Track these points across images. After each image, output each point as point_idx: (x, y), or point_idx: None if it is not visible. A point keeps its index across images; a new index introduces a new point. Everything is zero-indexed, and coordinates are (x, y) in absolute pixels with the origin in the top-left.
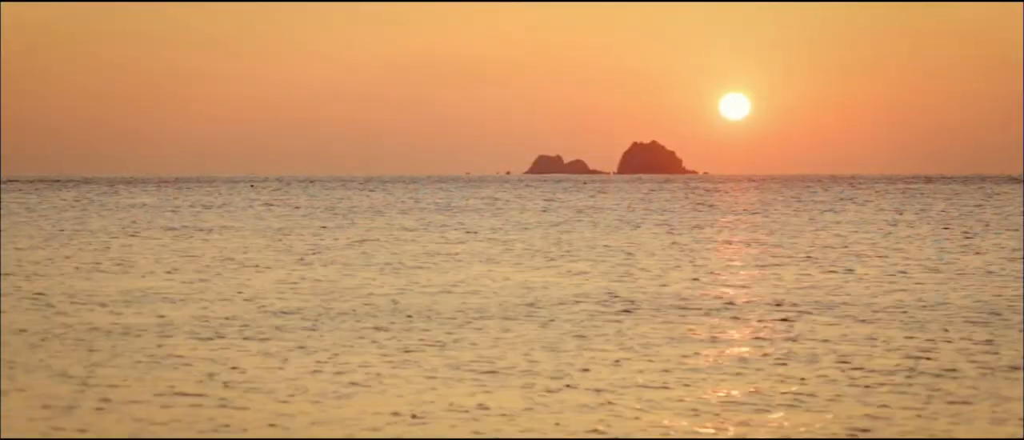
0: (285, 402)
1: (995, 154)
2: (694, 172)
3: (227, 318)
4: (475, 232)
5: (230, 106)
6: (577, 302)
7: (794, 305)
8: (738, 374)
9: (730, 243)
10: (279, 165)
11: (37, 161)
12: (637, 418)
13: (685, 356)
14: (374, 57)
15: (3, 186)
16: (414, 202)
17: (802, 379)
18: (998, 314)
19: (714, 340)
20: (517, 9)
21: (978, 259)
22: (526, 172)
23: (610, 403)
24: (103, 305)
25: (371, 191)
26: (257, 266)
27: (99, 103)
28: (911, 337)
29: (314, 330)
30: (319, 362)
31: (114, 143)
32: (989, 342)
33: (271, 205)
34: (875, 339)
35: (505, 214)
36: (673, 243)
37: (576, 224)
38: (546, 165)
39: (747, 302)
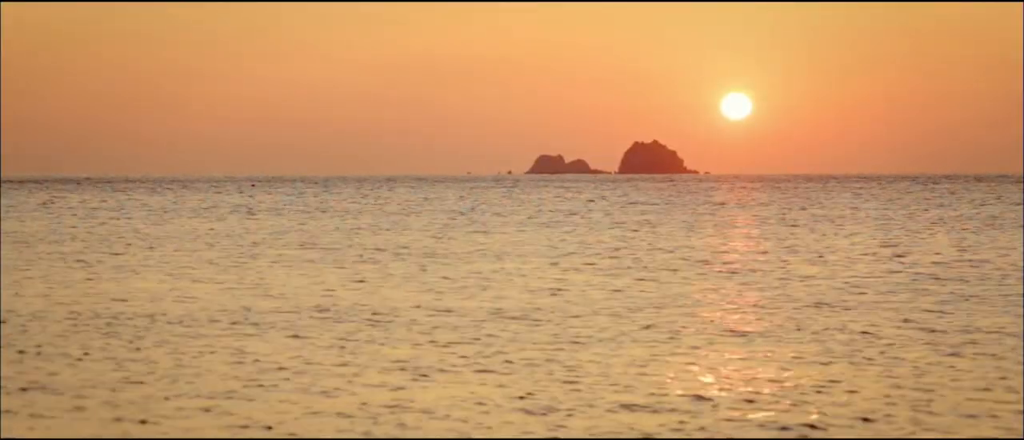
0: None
1: (995, 154)
2: (695, 172)
3: (224, 313)
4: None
5: (230, 106)
6: (604, 305)
7: (800, 303)
8: (737, 373)
9: (742, 241)
10: (279, 165)
11: (37, 161)
12: (645, 417)
13: (687, 355)
14: (374, 57)
15: (3, 186)
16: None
17: (796, 377)
18: (993, 311)
19: (717, 341)
20: (517, 9)
21: (983, 258)
22: (527, 172)
23: (626, 402)
24: (107, 304)
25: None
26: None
27: (99, 103)
28: (904, 333)
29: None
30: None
31: (114, 143)
32: (989, 341)
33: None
34: (874, 336)
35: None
36: (688, 243)
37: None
38: (547, 165)
39: (756, 300)
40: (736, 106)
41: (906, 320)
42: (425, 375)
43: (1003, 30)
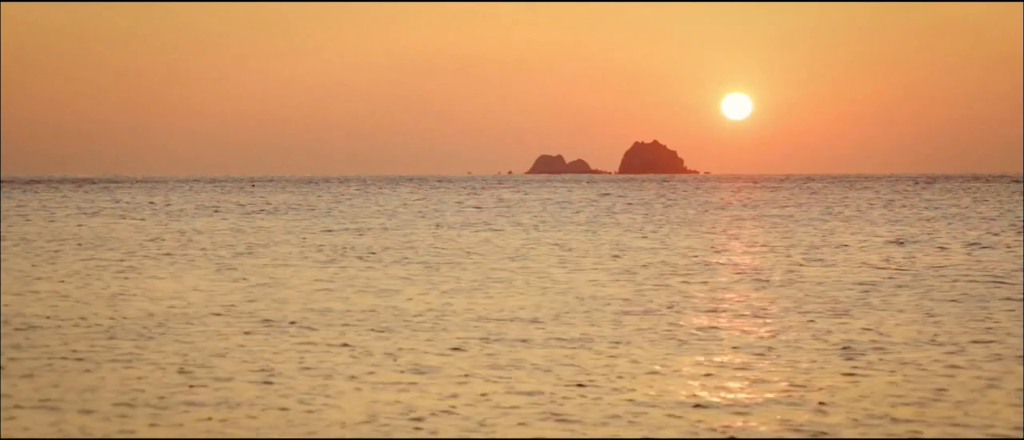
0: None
1: (995, 154)
2: (696, 172)
3: (218, 315)
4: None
5: (230, 106)
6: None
7: (789, 299)
8: (735, 370)
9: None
10: (279, 165)
11: (37, 161)
12: (655, 418)
13: (681, 354)
14: (374, 57)
15: (3, 186)
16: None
17: (802, 376)
18: (996, 311)
19: (715, 339)
20: (517, 9)
21: (986, 258)
22: (527, 172)
23: (629, 403)
24: (114, 304)
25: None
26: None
27: (99, 103)
28: (909, 333)
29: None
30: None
31: (114, 143)
32: (987, 340)
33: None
34: (880, 336)
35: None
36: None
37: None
38: (547, 165)
39: (755, 297)
40: (736, 106)
41: (912, 320)
42: (435, 375)
43: (1003, 30)
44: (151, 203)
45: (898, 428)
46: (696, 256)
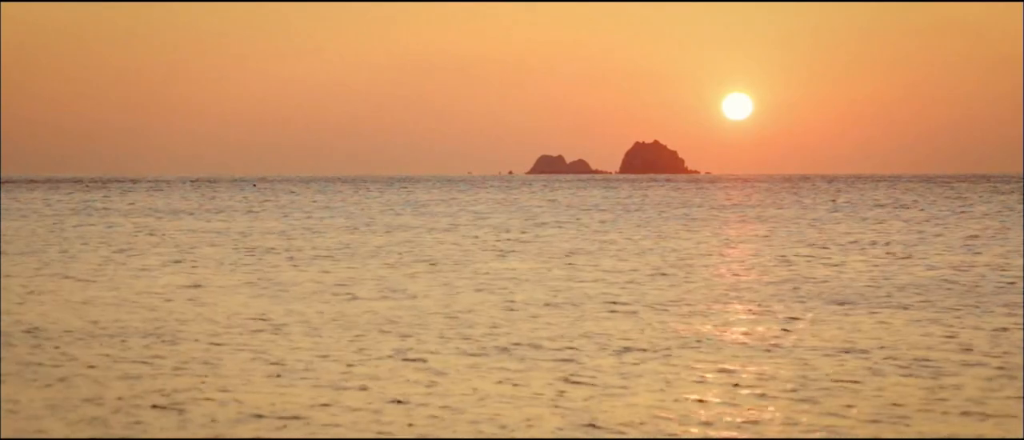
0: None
1: (995, 153)
2: (696, 172)
3: (225, 319)
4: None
5: (231, 106)
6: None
7: (796, 299)
8: (738, 369)
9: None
10: (279, 165)
11: (37, 161)
12: (660, 417)
13: (682, 354)
14: (374, 57)
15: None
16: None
17: (810, 376)
18: (1004, 309)
19: (718, 337)
20: (517, 9)
21: (988, 258)
22: (528, 172)
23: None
24: (117, 304)
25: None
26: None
27: (99, 103)
28: (917, 332)
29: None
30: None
31: (114, 143)
32: (996, 339)
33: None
34: (873, 335)
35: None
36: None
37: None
38: (548, 165)
39: (757, 295)
40: (737, 106)
41: (920, 319)
42: (443, 373)
43: (1003, 30)
44: (153, 203)
45: (908, 428)
46: (703, 255)
